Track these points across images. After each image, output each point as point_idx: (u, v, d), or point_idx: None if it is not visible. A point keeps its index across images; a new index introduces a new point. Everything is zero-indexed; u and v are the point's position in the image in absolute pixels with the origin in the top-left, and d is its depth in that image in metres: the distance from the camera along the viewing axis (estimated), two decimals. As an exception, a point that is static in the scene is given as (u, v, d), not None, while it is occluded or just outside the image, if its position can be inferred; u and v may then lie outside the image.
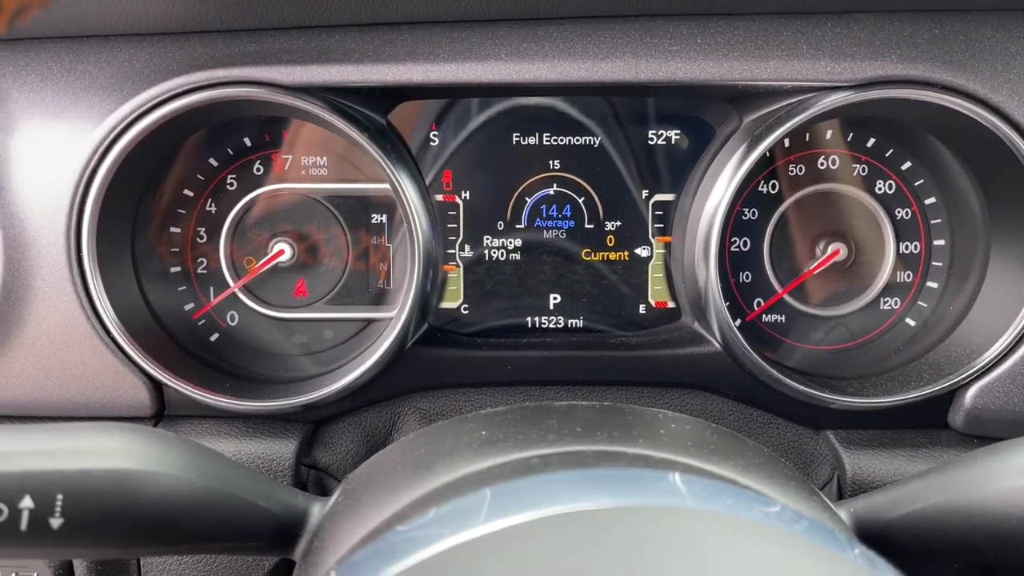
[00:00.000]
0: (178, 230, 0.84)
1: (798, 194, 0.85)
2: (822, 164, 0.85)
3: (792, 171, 0.85)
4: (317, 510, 0.63)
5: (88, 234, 0.73)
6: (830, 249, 0.84)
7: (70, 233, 0.73)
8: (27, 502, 0.50)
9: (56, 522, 0.51)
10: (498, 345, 0.85)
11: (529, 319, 0.88)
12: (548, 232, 0.87)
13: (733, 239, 0.86)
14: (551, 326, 0.88)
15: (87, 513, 0.52)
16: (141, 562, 0.78)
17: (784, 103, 0.77)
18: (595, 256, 0.88)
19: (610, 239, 0.87)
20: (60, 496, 0.51)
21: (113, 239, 0.76)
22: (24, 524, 0.50)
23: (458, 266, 0.87)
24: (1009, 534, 0.55)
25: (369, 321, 0.86)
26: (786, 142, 0.84)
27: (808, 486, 0.59)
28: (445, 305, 0.87)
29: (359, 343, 0.86)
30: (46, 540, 0.52)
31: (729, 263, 0.86)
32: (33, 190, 0.73)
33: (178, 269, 0.84)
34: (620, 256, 0.88)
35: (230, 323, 0.85)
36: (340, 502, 0.60)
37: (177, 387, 0.76)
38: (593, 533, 0.40)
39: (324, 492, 0.80)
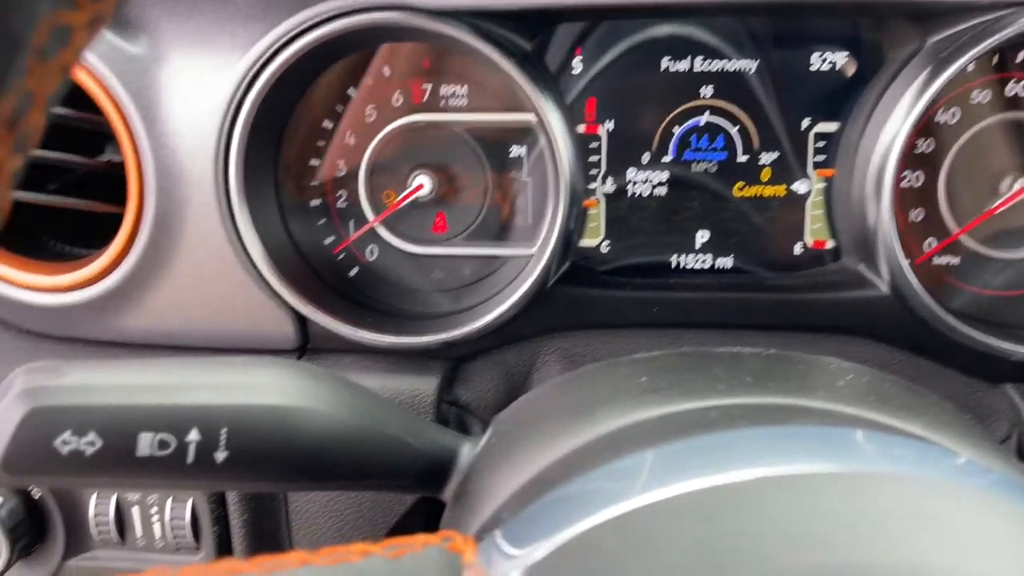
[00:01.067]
0: (317, 163, 0.83)
1: (982, 123, 0.77)
2: (1011, 90, 0.76)
3: (975, 98, 0.77)
4: (467, 450, 0.61)
5: (235, 166, 0.73)
6: (1017, 185, 0.76)
7: (218, 164, 0.73)
8: (194, 435, 0.50)
9: (220, 456, 0.51)
10: (643, 285, 0.81)
11: (673, 258, 0.84)
12: (697, 165, 0.82)
13: (904, 173, 0.79)
14: (697, 266, 0.84)
15: (249, 448, 0.52)
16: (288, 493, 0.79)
17: (976, 21, 0.69)
18: (748, 191, 0.82)
19: (765, 173, 0.82)
20: (225, 430, 0.51)
21: (258, 171, 0.76)
22: (191, 457, 0.50)
23: (599, 201, 0.83)
24: None
25: (508, 258, 0.83)
26: (971, 65, 0.76)
27: (996, 446, 0.54)
28: (584, 243, 0.84)
29: (498, 281, 0.83)
30: (210, 473, 0.52)
31: (899, 199, 0.79)
32: (183, 121, 0.73)
33: (318, 203, 0.83)
34: (775, 191, 0.82)
35: (369, 258, 0.84)
36: (492, 444, 0.58)
37: (321, 321, 0.76)
38: (796, 499, 0.37)
39: (464, 430, 0.79)
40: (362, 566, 0.36)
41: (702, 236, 0.83)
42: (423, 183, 0.81)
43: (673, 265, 0.84)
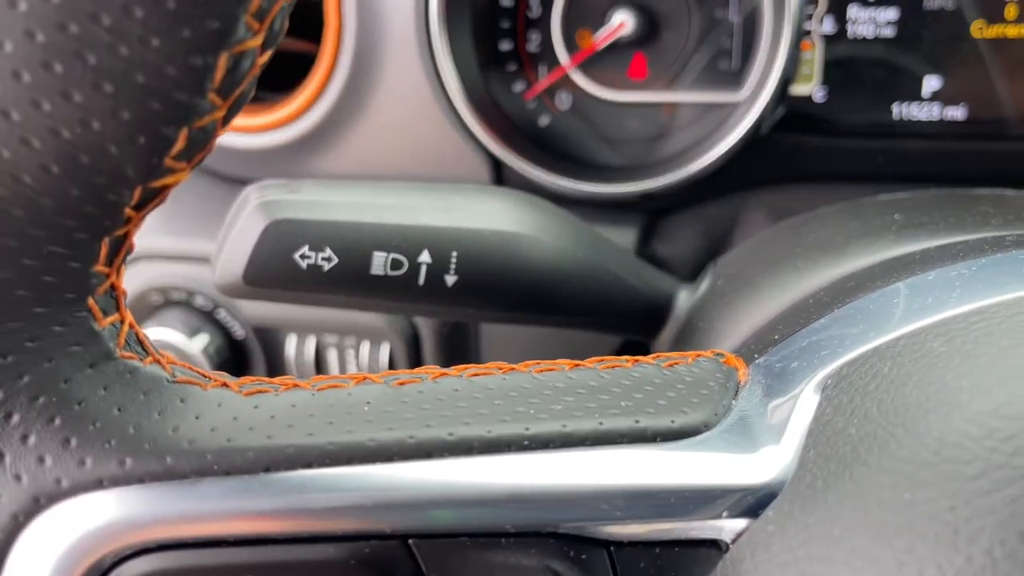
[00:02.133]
0: (511, 2, 0.78)
1: None
2: None
3: None
4: (685, 296, 0.58)
5: (437, -1, 0.70)
6: None
7: (419, -3, 0.70)
8: (425, 256, 0.49)
9: (451, 279, 0.50)
10: (867, 133, 0.74)
11: (895, 108, 0.76)
12: (931, 1, 0.73)
13: None
14: (923, 117, 0.76)
15: (477, 274, 0.50)
16: (481, 340, 0.79)
17: None
18: (989, 31, 0.73)
19: (1011, 10, 0.72)
20: (455, 253, 0.49)
21: (456, 8, 0.72)
22: (422, 279, 0.49)
23: (814, 44, 0.76)
24: None
25: (710, 106, 0.78)
26: None
27: None
28: (796, 90, 0.77)
29: (699, 131, 0.78)
30: (439, 297, 0.51)
31: None
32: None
33: (510, 46, 0.79)
34: (1021, 31, 0.72)
35: (561, 107, 0.80)
36: (720, 285, 0.54)
37: (517, 166, 0.73)
38: None
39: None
40: (635, 371, 0.34)
41: (931, 83, 0.75)
42: (625, 21, 0.75)
43: (895, 115, 0.76)
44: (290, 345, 0.79)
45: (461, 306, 0.51)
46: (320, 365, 0.79)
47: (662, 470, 0.30)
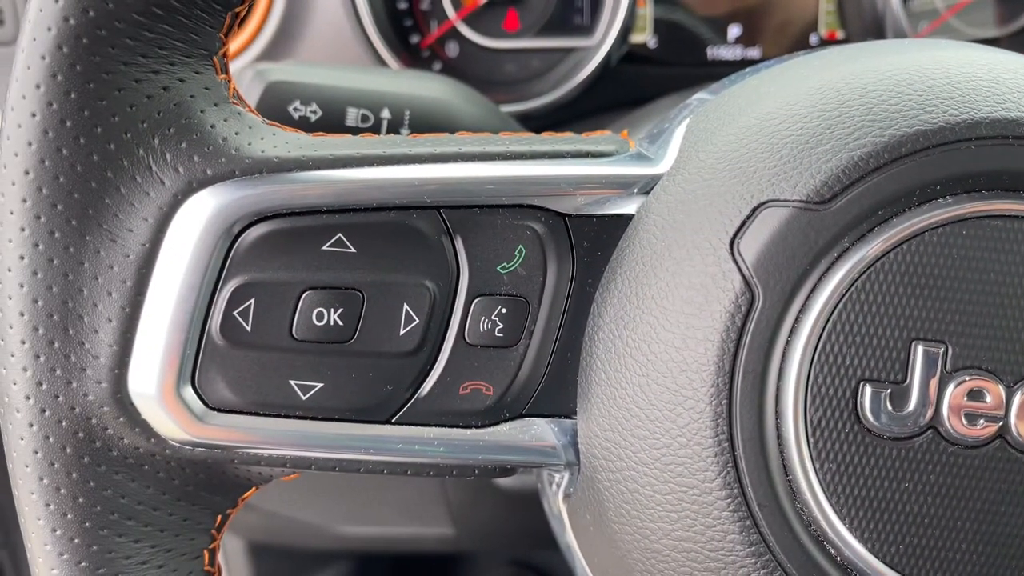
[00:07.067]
0: (405, -31, 0.95)
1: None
2: None
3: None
4: None
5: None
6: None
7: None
8: (386, 113, 0.64)
9: (404, 132, 0.65)
10: (690, 63, 0.96)
11: (709, 51, 0.98)
12: (731, -32, 0.97)
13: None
14: (729, 58, 0.99)
15: (425, 128, 0.66)
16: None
17: None
18: (773, -13, 0.97)
19: (788, -28, 0.96)
20: (407, 112, 0.65)
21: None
22: (383, 131, 0.64)
23: (646, 2, 0.97)
24: None
25: (570, 51, 0.97)
26: None
27: None
28: (634, 39, 0.98)
29: (563, 70, 0.97)
30: None
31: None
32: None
33: (405, 6, 0.96)
34: (797, -11, 0.97)
35: (449, 55, 0.97)
36: None
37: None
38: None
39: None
40: (566, 137, 0.51)
41: (734, 30, 0.98)
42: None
43: (709, 57, 0.99)
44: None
45: None
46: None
47: (597, 168, 0.47)
